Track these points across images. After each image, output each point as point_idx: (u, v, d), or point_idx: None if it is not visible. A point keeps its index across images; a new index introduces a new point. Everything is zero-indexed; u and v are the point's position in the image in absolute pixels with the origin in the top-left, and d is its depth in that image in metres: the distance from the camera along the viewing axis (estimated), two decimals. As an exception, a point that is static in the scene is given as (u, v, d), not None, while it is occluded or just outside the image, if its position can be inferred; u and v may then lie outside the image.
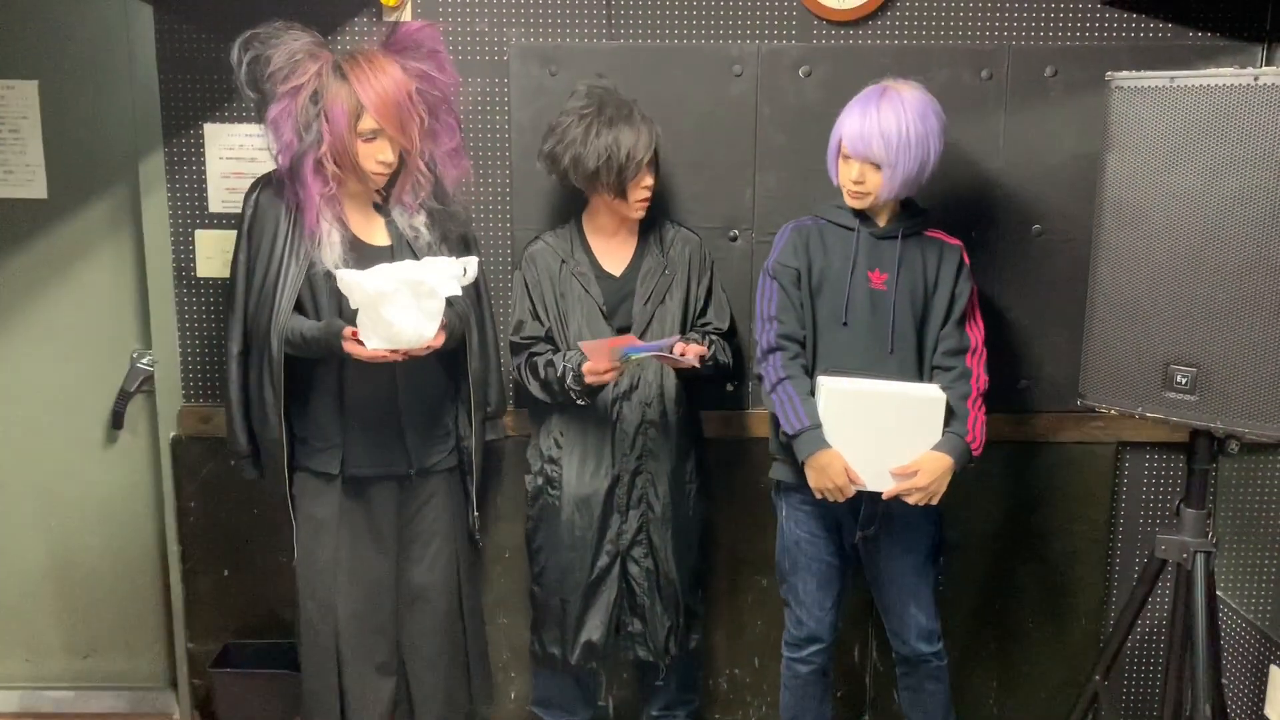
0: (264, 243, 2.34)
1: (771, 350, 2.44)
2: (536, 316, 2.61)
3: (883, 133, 2.30)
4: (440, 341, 2.28)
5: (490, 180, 2.80)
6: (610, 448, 2.59)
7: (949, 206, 2.74)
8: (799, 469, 2.44)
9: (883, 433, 2.35)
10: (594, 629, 2.65)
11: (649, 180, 2.52)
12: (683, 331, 2.61)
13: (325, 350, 2.30)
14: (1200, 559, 2.25)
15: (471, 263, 2.29)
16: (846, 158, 2.38)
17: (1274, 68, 2.07)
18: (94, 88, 2.88)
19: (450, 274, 2.24)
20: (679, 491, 2.64)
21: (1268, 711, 2.67)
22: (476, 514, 2.58)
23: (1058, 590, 2.97)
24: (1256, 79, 1.97)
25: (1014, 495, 2.93)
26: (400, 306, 2.18)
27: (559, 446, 2.63)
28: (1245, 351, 2.03)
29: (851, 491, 2.37)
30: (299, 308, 2.34)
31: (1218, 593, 2.49)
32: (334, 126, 2.23)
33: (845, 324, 2.43)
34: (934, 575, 2.56)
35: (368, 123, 2.25)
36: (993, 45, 2.73)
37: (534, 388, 2.59)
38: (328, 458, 2.43)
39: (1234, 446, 2.21)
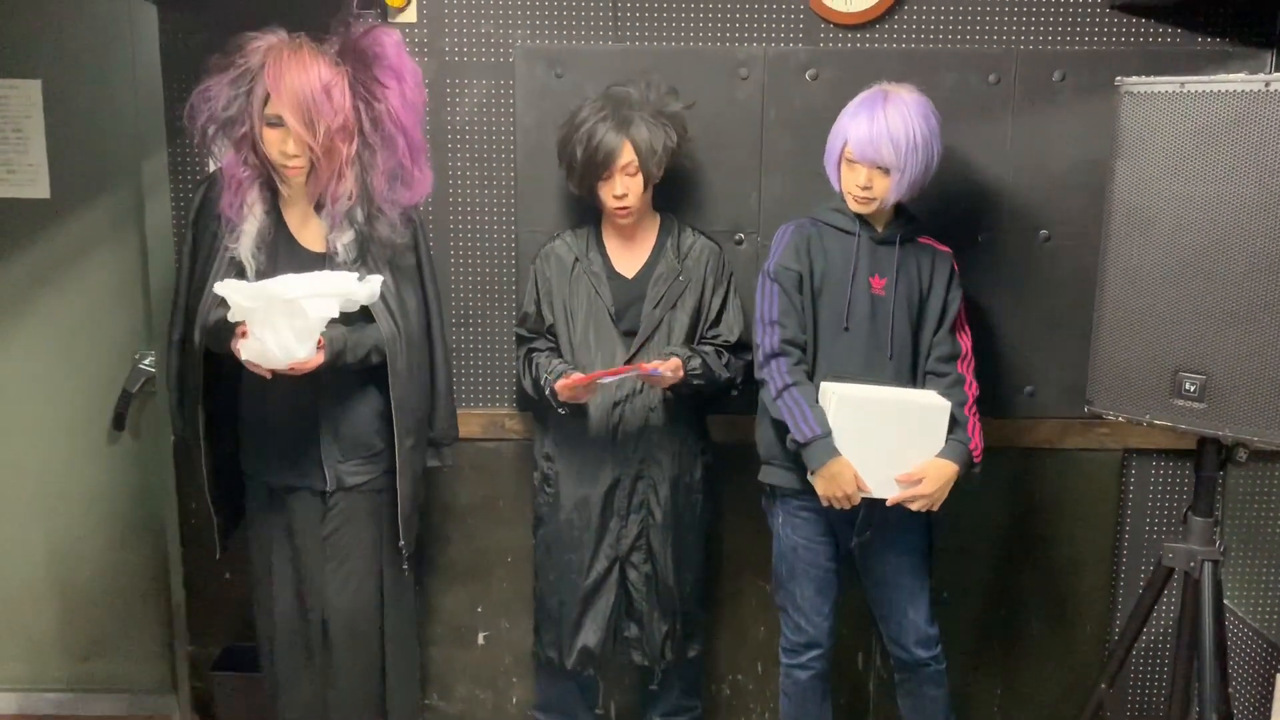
0: (205, 234, 2.34)
1: (775, 355, 2.43)
2: (539, 311, 2.60)
3: (891, 137, 2.30)
4: (317, 363, 2.21)
5: (495, 182, 2.79)
6: (611, 451, 2.57)
7: (956, 211, 2.73)
8: (797, 474, 2.44)
9: (889, 440, 2.35)
10: (591, 634, 2.63)
11: (619, 188, 2.48)
12: (690, 341, 2.60)
13: (226, 348, 2.26)
14: (1207, 567, 2.24)
15: (373, 281, 2.23)
16: (852, 163, 2.37)
17: (1284, 73, 2.05)
18: (98, 87, 2.87)
19: (334, 292, 2.17)
20: (682, 498, 2.63)
21: (1274, 721, 2.66)
22: (403, 541, 2.47)
23: (1063, 598, 2.96)
24: (1267, 85, 1.96)
25: (1019, 502, 2.91)
26: (269, 325, 2.14)
27: (555, 446, 2.63)
28: (1254, 359, 2.02)
29: (859, 499, 2.36)
30: None
31: (1225, 601, 2.47)
32: (252, 105, 2.22)
33: (846, 329, 2.43)
34: (928, 578, 2.55)
35: (272, 107, 2.21)
36: (1000, 49, 2.72)
37: (526, 383, 2.60)
38: (252, 461, 2.44)
39: (1242, 454, 2.20)
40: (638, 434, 2.56)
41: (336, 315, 2.21)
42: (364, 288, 2.23)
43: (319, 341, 2.21)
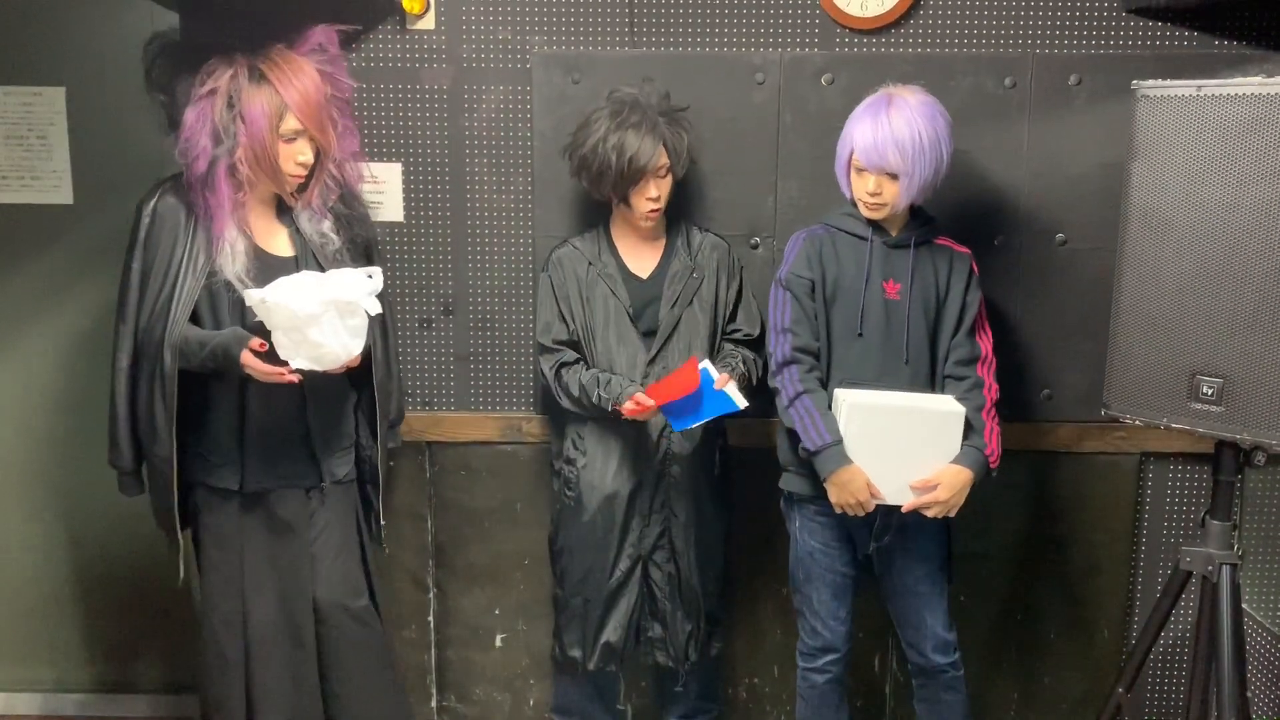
0: (161, 252, 2.27)
1: (787, 363, 2.43)
2: (563, 319, 2.61)
3: (897, 142, 2.29)
4: (359, 359, 2.26)
5: (512, 188, 2.81)
6: (632, 452, 2.59)
7: (972, 215, 2.73)
8: (813, 480, 2.43)
9: (903, 447, 2.34)
10: (613, 631, 2.65)
11: (654, 191, 2.50)
12: (712, 338, 2.61)
13: (222, 362, 2.21)
14: (1225, 571, 2.23)
15: (377, 271, 2.26)
16: (860, 170, 2.37)
17: (1302, 77, 2.05)
18: (121, 94, 2.89)
19: (369, 288, 2.21)
20: (703, 498, 2.64)
21: (1293, 726, 2.65)
22: (382, 522, 2.51)
23: (1080, 602, 2.95)
24: (1284, 88, 1.96)
25: (1036, 506, 2.91)
26: (327, 327, 2.16)
27: (576, 448, 2.63)
28: (1272, 362, 2.01)
29: (872, 506, 2.36)
30: (197, 320, 2.27)
31: (1243, 605, 2.46)
32: (253, 129, 2.20)
33: (860, 335, 2.42)
34: (946, 584, 2.55)
35: (290, 123, 2.23)
36: (1016, 53, 2.72)
37: (565, 402, 2.59)
38: (226, 474, 2.35)
39: (1260, 458, 2.19)
40: (660, 434, 2.57)
41: (380, 310, 2.26)
42: (376, 281, 2.25)
43: None
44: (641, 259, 2.64)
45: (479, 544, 2.96)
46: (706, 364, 2.49)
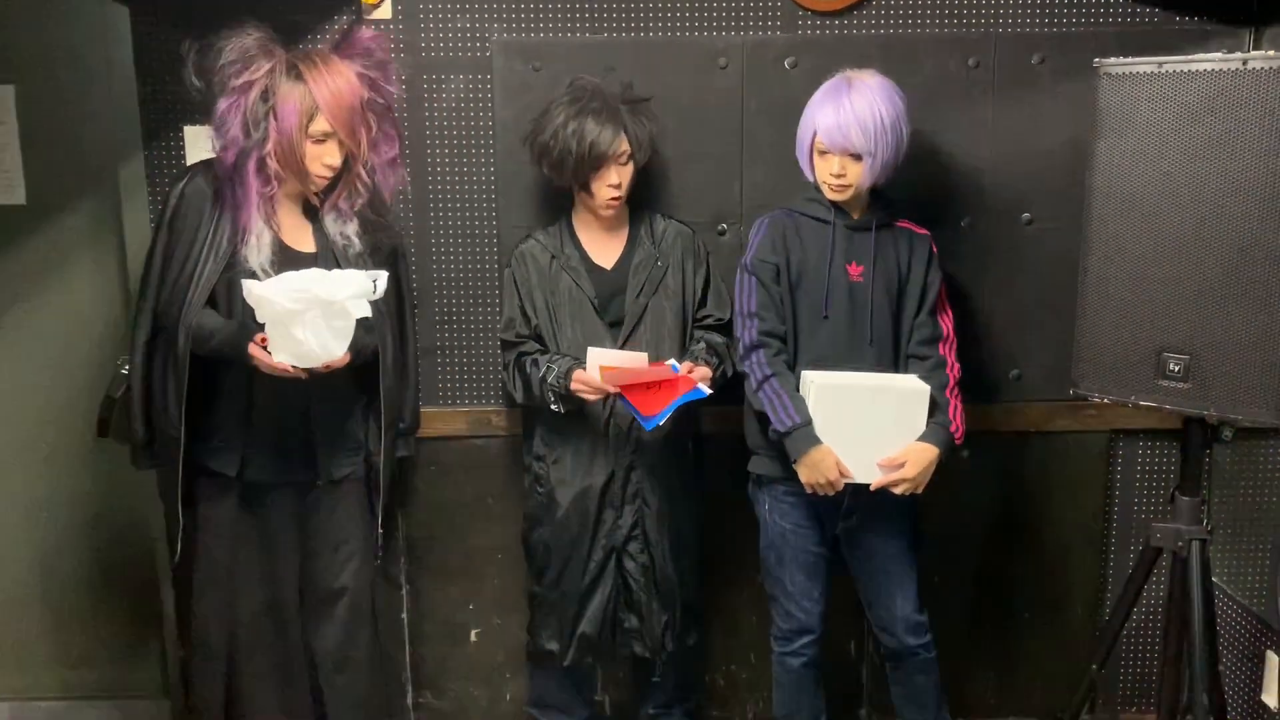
0: (185, 234, 2.30)
1: (754, 347, 2.44)
2: (525, 314, 2.59)
3: (860, 123, 2.31)
4: (346, 360, 2.25)
5: (475, 179, 2.78)
6: (603, 445, 2.57)
7: (938, 196, 2.73)
8: (783, 462, 2.45)
9: (869, 426, 2.36)
10: (589, 623, 2.64)
11: (615, 178, 2.49)
12: (680, 326, 2.60)
13: (230, 351, 2.25)
14: (1195, 546, 2.24)
15: (381, 277, 2.25)
16: (823, 153, 2.39)
17: (1262, 52, 2.05)
18: (72, 91, 2.85)
19: (361, 291, 2.20)
20: (675, 487, 2.63)
21: (1264, 697, 2.67)
22: (381, 530, 2.51)
23: (1053, 580, 2.97)
24: (1245, 63, 1.96)
25: (1007, 486, 2.92)
26: (310, 325, 2.15)
27: (545, 445, 2.62)
28: (1238, 338, 2.02)
29: (842, 485, 2.38)
30: (214, 306, 2.30)
31: (1213, 579, 2.48)
32: (283, 125, 2.21)
33: (826, 317, 2.44)
34: (915, 564, 2.55)
35: (320, 124, 2.23)
36: (979, 33, 2.71)
37: (517, 388, 2.57)
38: (227, 459, 2.37)
39: (1228, 433, 2.21)
40: (630, 425, 2.56)
41: (369, 314, 2.25)
42: (379, 286, 2.24)
43: None
44: (605, 249, 2.61)
45: (452, 539, 2.94)
46: (673, 363, 2.49)
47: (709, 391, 2.46)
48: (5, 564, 3.10)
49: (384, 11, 2.69)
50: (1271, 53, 1.95)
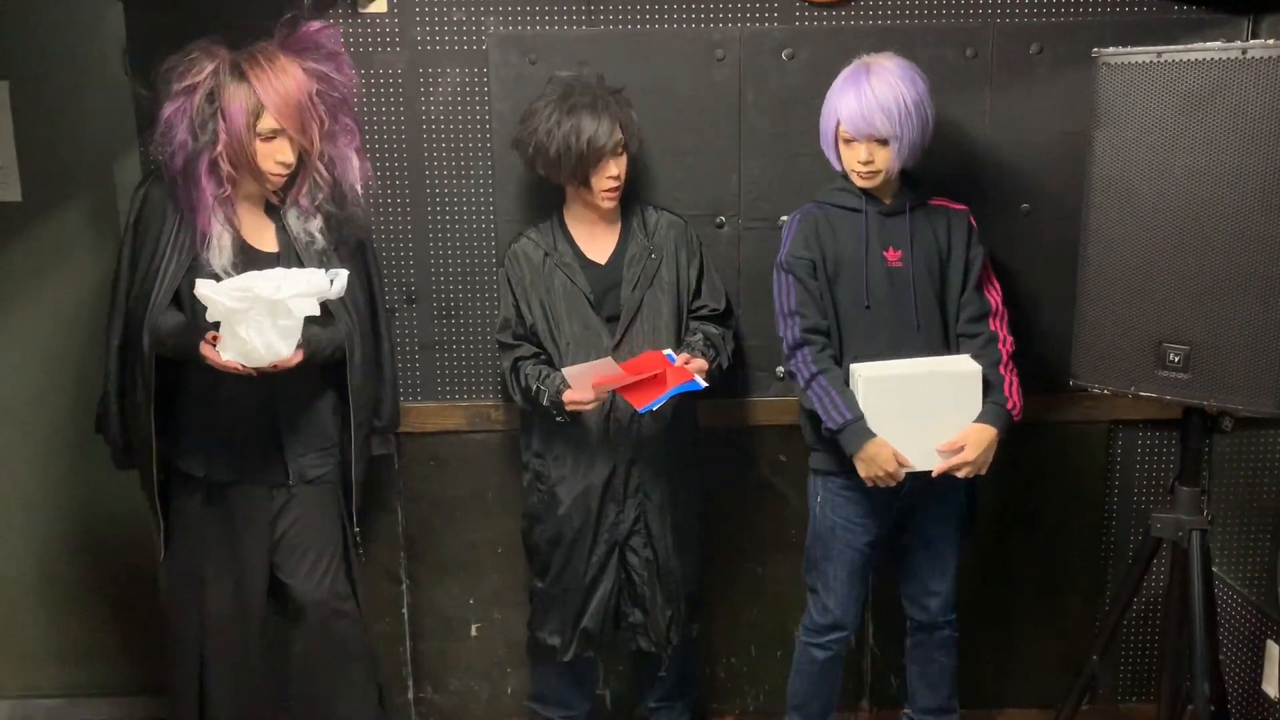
0: (149, 237, 2.30)
1: (799, 345, 2.42)
2: (520, 314, 2.58)
3: (883, 107, 2.30)
4: (297, 359, 2.23)
5: (471, 173, 2.77)
6: (604, 440, 2.56)
7: (936, 186, 2.71)
8: (841, 457, 2.43)
9: (924, 413, 2.35)
10: (591, 618, 2.63)
11: (614, 170, 2.48)
12: (676, 318, 2.59)
13: (186, 350, 2.24)
14: (1195, 536, 2.25)
15: (340, 276, 2.23)
16: (849, 141, 2.37)
17: (1261, 40, 2.05)
18: (67, 88, 2.83)
19: (312, 290, 2.18)
20: (677, 480, 2.62)
21: (1264, 686, 2.67)
22: (357, 529, 2.52)
23: (1053, 570, 2.97)
24: (1244, 52, 1.96)
25: (1007, 476, 2.90)
26: (254, 325, 2.14)
27: (545, 442, 2.61)
28: (1237, 328, 2.02)
29: (902, 475, 2.37)
30: (180, 308, 2.29)
31: (1213, 569, 2.48)
32: (231, 126, 2.19)
33: (868, 307, 2.42)
34: (962, 547, 2.57)
35: (267, 122, 2.21)
36: (977, 23, 2.70)
37: (517, 397, 2.57)
38: (195, 460, 2.38)
39: (1227, 423, 2.21)
40: (630, 419, 2.55)
41: (317, 313, 2.22)
42: (336, 285, 2.23)
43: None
44: (598, 244, 2.61)
45: (451, 534, 2.93)
46: (669, 352, 2.48)
47: (704, 385, 2.45)
48: (4, 562, 3.09)
49: (379, 6, 2.67)
50: (1271, 41, 1.95)
